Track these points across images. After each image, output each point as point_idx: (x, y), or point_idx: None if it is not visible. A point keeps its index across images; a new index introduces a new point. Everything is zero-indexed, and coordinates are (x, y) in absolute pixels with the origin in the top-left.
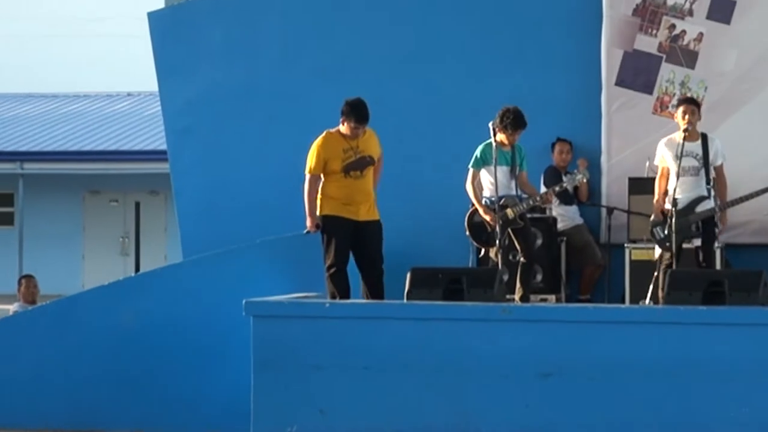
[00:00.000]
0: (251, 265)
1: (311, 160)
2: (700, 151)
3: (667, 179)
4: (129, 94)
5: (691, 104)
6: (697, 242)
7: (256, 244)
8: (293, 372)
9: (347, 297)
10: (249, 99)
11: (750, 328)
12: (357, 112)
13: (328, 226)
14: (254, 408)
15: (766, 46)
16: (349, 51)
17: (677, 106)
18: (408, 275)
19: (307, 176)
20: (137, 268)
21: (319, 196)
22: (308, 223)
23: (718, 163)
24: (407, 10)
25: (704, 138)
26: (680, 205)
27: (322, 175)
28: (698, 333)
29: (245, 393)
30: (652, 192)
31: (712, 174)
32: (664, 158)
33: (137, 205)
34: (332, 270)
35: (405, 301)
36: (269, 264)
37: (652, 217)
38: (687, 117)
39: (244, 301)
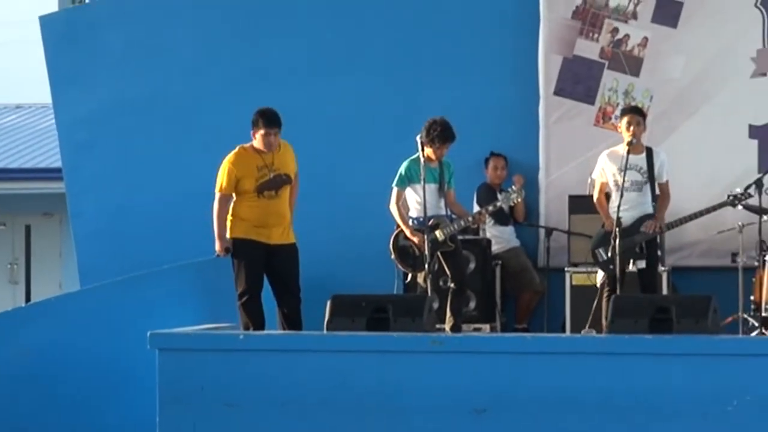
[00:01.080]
0: (157, 293)
1: (221, 178)
2: (644, 165)
3: (606, 196)
4: (18, 107)
5: (636, 114)
6: (641, 264)
7: (162, 270)
8: (203, 409)
9: (262, 327)
10: (154, 112)
11: (699, 358)
12: (266, 116)
13: (239, 250)
14: None
15: (715, 52)
16: (265, 60)
17: (621, 116)
18: (328, 303)
19: (217, 195)
20: (28, 298)
21: (229, 217)
22: (217, 246)
23: (664, 179)
24: (329, 16)
25: (649, 151)
26: (625, 224)
27: (233, 195)
28: (644, 364)
29: None
30: (594, 211)
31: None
32: (604, 172)
33: (27, 228)
34: (244, 298)
35: (325, 331)
36: (176, 292)
37: (593, 238)
38: (632, 128)
39: (148, 333)
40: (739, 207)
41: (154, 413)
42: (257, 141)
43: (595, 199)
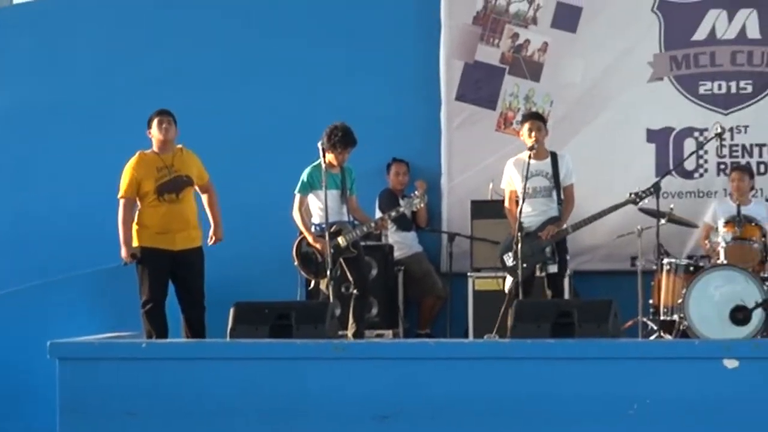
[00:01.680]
0: (58, 302)
1: (123, 182)
2: (549, 170)
3: (517, 203)
4: None
5: (537, 120)
6: (553, 269)
7: (64, 278)
8: (104, 419)
9: (165, 336)
10: (57, 117)
11: (600, 362)
12: (158, 111)
13: (143, 258)
14: None
15: (614, 56)
16: (168, 67)
17: (522, 122)
18: (231, 311)
19: (121, 201)
20: None
21: (134, 225)
22: (123, 253)
23: (569, 182)
24: (231, 22)
25: (554, 156)
26: (532, 229)
27: (138, 202)
28: (547, 368)
29: None
30: (497, 216)
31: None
32: (512, 180)
33: None
34: (148, 306)
35: (228, 339)
36: (78, 300)
37: (501, 244)
38: (533, 134)
39: (48, 343)
40: (638, 210)
41: (54, 424)
42: (154, 142)
43: (505, 207)
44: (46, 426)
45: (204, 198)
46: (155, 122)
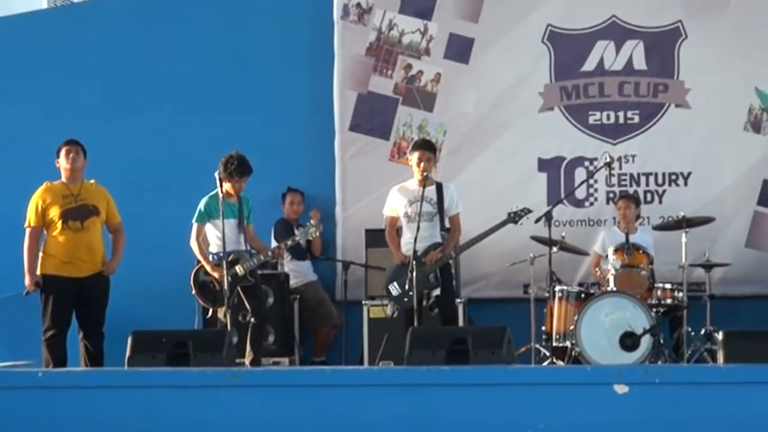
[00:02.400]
0: None
1: (29, 212)
2: (434, 197)
3: (397, 230)
4: None
5: (426, 150)
6: (436, 291)
7: None
8: None
9: (64, 364)
10: None
11: (495, 388)
12: (66, 141)
13: (47, 286)
14: None
15: (506, 86)
16: (68, 98)
17: (411, 151)
18: (129, 339)
19: (27, 231)
20: None
21: (40, 254)
22: (27, 281)
23: (454, 212)
24: (130, 52)
25: (439, 186)
26: (418, 254)
27: (45, 231)
28: (442, 394)
29: None
30: (388, 241)
31: (447, 224)
32: (395, 206)
33: None
34: (49, 334)
35: (126, 367)
36: None
37: (386, 274)
38: (422, 164)
39: None
40: (530, 238)
41: None
42: (62, 169)
43: (386, 234)
44: None
45: (111, 237)
46: (63, 152)
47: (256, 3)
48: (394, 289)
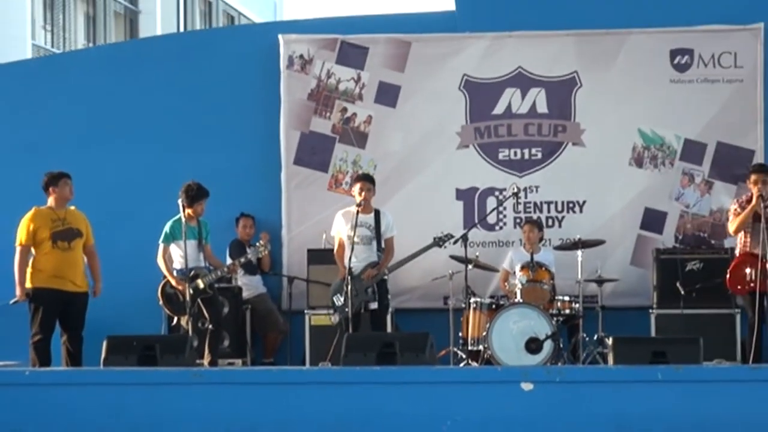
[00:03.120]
0: None
1: (20, 233)
2: (372, 223)
3: (344, 249)
4: None
5: (368, 181)
6: (374, 305)
7: None
8: None
9: (48, 365)
10: None
11: (418, 386)
12: (63, 174)
13: (37, 297)
14: None
15: (428, 128)
16: (48, 130)
17: (354, 182)
18: (104, 343)
19: (18, 249)
20: None
21: (30, 270)
22: (18, 292)
23: (389, 235)
24: (101, 95)
25: (377, 212)
26: (355, 272)
27: (33, 249)
28: (373, 391)
29: None
30: (328, 262)
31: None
32: (339, 230)
33: None
34: (36, 338)
35: (102, 367)
36: None
37: (331, 287)
38: (363, 193)
39: None
40: (449, 257)
41: None
42: (51, 199)
43: (335, 252)
44: None
45: (86, 259)
46: (61, 182)
47: (214, 54)
48: (338, 300)
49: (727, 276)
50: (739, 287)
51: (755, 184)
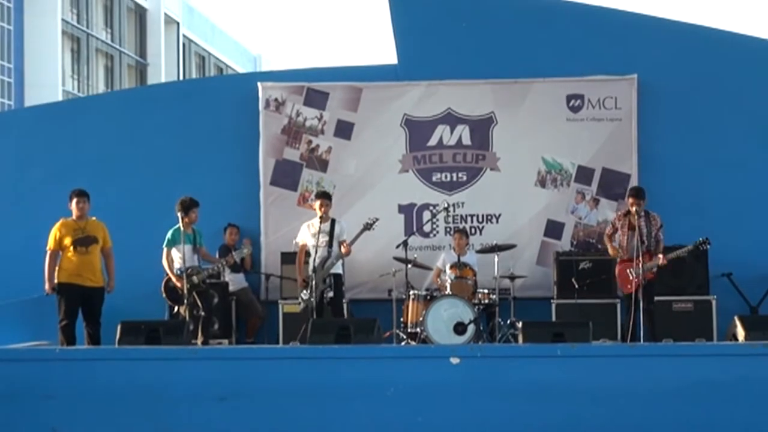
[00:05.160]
0: None
1: (50, 240)
2: (328, 230)
3: (306, 253)
4: None
5: (326, 198)
6: (330, 294)
7: (2, 305)
8: (29, 401)
9: (73, 344)
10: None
11: (369, 361)
12: (76, 192)
13: (62, 290)
14: None
15: (376, 156)
16: (74, 161)
17: (315, 199)
18: (118, 327)
19: (48, 252)
20: None
21: (57, 269)
22: (46, 287)
23: (342, 239)
24: (115, 130)
25: (332, 222)
26: (317, 269)
27: (60, 252)
28: (332, 365)
29: None
30: (299, 263)
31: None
32: (304, 237)
33: None
34: (63, 323)
35: (117, 346)
36: (12, 319)
37: (299, 287)
38: (323, 208)
39: None
40: (393, 258)
41: None
42: (74, 211)
43: (297, 257)
44: None
45: (104, 260)
46: (74, 201)
47: (207, 97)
48: (304, 294)
49: (617, 278)
50: (629, 286)
51: (632, 205)
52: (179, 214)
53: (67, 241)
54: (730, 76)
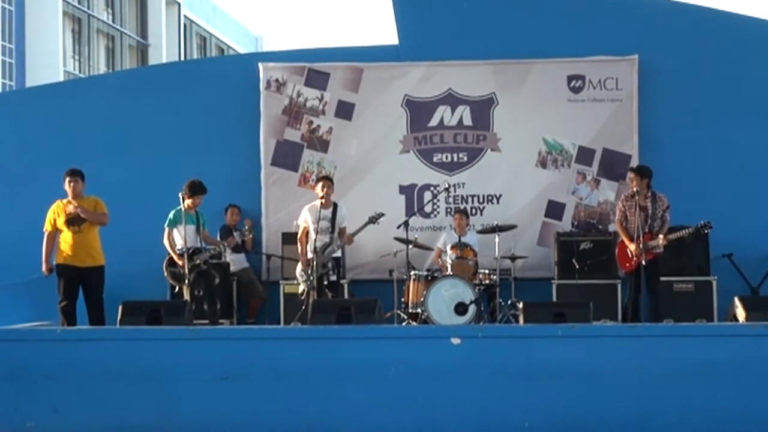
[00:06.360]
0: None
1: (46, 221)
2: (330, 215)
3: (307, 235)
4: None
5: (327, 180)
6: (333, 277)
7: (3, 285)
8: (30, 381)
9: (74, 324)
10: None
11: (370, 341)
12: (67, 172)
13: (59, 271)
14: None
15: (377, 136)
16: (78, 141)
17: (316, 182)
18: (120, 307)
19: (45, 233)
20: None
21: (55, 250)
22: (43, 268)
23: (342, 225)
24: (118, 110)
25: (335, 206)
26: (318, 252)
27: (58, 233)
28: (334, 345)
29: None
30: (298, 243)
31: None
32: (306, 219)
33: None
34: (62, 304)
35: (118, 326)
36: (13, 300)
37: (299, 267)
38: (325, 190)
39: None
40: (394, 238)
41: None
42: (67, 190)
43: (298, 238)
44: None
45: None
46: (66, 180)
47: (208, 78)
48: (304, 275)
49: (617, 257)
50: (627, 265)
51: (632, 181)
52: (183, 195)
53: (60, 222)
54: (732, 56)
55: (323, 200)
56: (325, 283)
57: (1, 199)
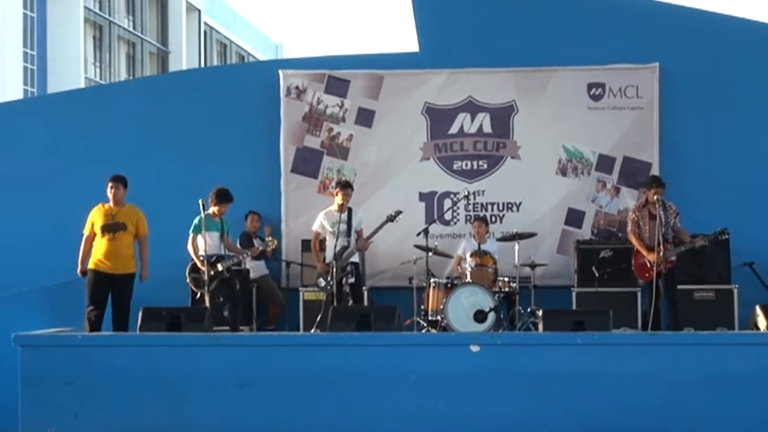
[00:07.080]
0: (23, 306)
1: (86, 224)
2: (346, 219)
3: (321, 241)
4: None
5: (347, 188)
6: (352, 280)
7: (28, 290)
8: (52, 386)
9: (99, 330)
10: (17, 184)
11: (389, 348)
12: (111, 177)
13: (89, 277)
14: (21, 414)
15: (397, 144)
16: (102, 146)
17: (335, 188)
18: (140, 313)
19: (83, 235)
20: None
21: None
22: (78, 269)
23: (359, 228)
24: (144, 114)
25: (350, 210)
26: (336, 257)
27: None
28: (353, 352)
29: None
30: (312, 249)
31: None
32: (322, 224)
33: None
34: (89, 308)
35: (138, 332)
36: (36, 305)
37: (316, 273)
38: (345, 198)
39: (13, 335)
40: (414, 246)
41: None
42: (109, 196)
43: (312, 244)
44: (11, 395)
45: (139, 247)
46: (108, 186)
47: (228, 85)
48: (322, 282)
49: (633, 267)
50: (647, 275)
51: (654, 194)
52: (210, 202)
53: (97, 226)
54: (752, 64)
55: (340, 205)
56: (346, 288)
57: (22, 205)
